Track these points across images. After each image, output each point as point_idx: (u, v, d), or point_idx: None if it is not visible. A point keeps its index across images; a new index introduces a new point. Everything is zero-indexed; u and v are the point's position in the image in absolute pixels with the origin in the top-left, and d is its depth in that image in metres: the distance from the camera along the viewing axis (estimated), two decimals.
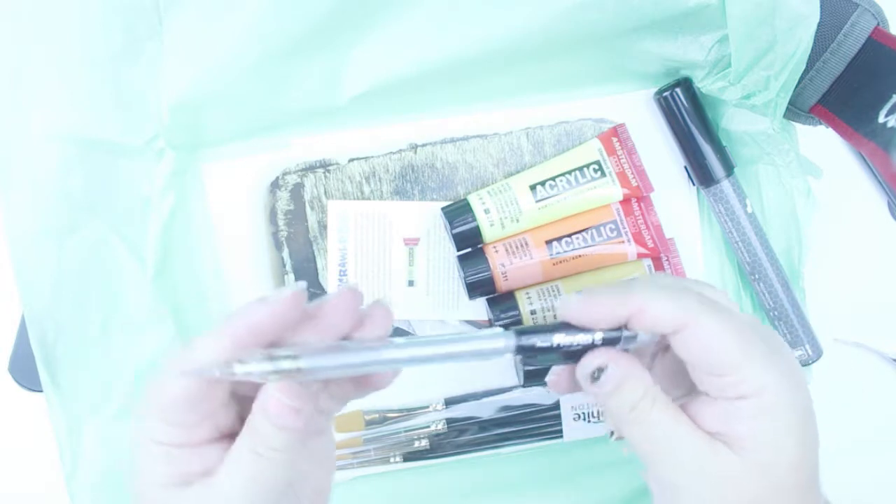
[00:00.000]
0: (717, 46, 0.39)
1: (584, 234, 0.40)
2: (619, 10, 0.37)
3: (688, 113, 0.41)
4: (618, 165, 0.41)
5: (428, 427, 0.42)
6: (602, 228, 0.41)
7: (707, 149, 0.41)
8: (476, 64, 0.39)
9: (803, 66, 0.37)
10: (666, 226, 0.42)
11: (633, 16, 0.38)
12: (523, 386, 0.42)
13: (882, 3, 0.39)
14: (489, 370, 0.42)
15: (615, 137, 0.42)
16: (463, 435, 0.42)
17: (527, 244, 0.40)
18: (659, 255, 0.41)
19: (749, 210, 0.41)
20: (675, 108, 0.41)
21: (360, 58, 0.39)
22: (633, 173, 0.41)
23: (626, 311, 0.25)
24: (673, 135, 0.42)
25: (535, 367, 0.40)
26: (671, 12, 0.38)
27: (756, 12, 0.36)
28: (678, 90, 0.40)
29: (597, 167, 0.41)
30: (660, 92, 0.41)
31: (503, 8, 0.38)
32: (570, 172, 0.41)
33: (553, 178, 0.41)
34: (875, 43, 0.39)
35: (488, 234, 0.40)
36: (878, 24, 0.39)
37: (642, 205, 0.41)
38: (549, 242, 0.40)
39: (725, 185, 0.41)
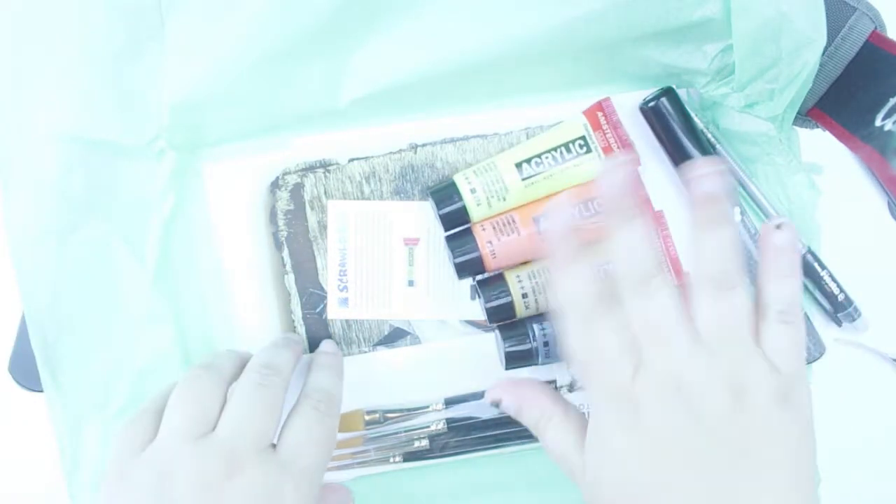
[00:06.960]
0: (720, 56, 0.39)
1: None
2: (621, 23, 0.38)
3: (675, 122, 0.40)
4: (603, 140, 0.41)
5: (428, 427, 0.42)
6: (589, 204, 0.40)
7: (697, 156, 0.40)
8: (476, 70, 0.39)
9: (809, 85, 0.37)
10: (655, 200, 0.41)
11: (636, 27, 0.38)
12: (506, 370, 0.41)
13: (880, 8, 0.39)
14: (489, 370, 0.42)
15: (600, 112, 0.41)
16: (463, 435, 0.42)
17: (514, 221, 0.40)
18: None
19: (737, 218, 0.41)
20: (661, 118, 0.40)
21: (361, 62, 0.39)
22: (619, 147, 0.41)
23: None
24: (661, 144, 0.42)
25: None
26: (674, 24, 0.38)
27: (762, 31, 0.36)
28: (664, 100, 0.40)
29: (582, 142, 0.41)
30: (645, 103, 0.41)
31: (504, 18, 0.38)
32: (555, 149, 0.40)
33: (539, 155, 0.40)
34: (872, 47, 0.39)
35: (475, 213, 0.40)
36: (876, 28, 0.39)
37: None
38: (536, 219, 0.40)
39: None
